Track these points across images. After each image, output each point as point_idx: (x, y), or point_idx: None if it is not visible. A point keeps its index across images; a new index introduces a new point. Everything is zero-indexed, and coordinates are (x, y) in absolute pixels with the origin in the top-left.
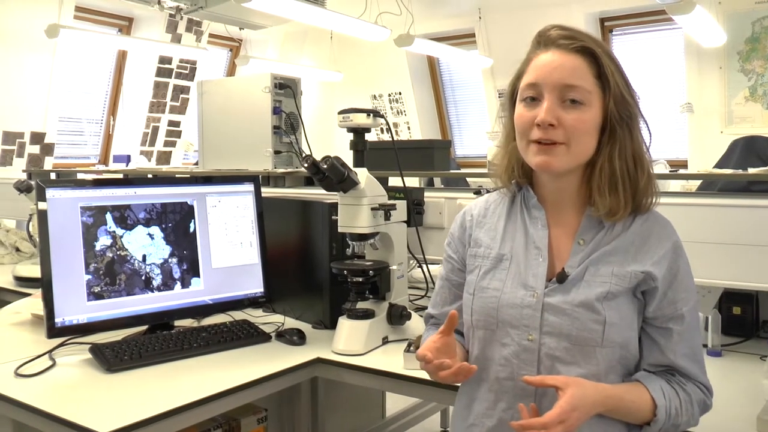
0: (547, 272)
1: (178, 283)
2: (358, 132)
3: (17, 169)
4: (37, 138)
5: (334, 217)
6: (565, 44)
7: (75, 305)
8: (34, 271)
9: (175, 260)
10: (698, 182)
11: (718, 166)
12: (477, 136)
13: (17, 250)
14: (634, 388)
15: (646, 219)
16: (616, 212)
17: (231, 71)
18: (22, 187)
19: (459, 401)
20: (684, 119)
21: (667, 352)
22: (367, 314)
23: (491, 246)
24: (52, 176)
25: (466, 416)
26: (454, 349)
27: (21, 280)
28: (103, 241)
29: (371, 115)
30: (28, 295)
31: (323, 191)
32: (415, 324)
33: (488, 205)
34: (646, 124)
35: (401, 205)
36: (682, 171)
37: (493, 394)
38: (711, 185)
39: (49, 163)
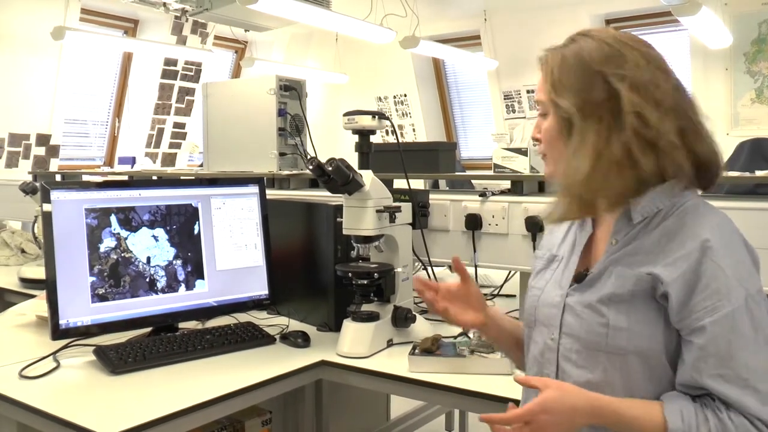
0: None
1: (183, 285)
2: (363, 134)
3: (23, 171)
4: (43, 140)
5: (338, 220)
6: (540, 64)
7: (79, 307)
8: (39, 272)
9: (179, 262)
10: None
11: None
12: (482, 138)
13: (22, 251)
14: (643, 405)
15: (683, 213)
16: (624, 197)
17: (236, 73)
18: (28, 189)
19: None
20: None
21: (690, 369)
22: (372, 317)
23: (550, 248)
24: (57, 178)
25: None
26: (473, 298)
27: (26, 282)
28: (107, 242)
29: (376, 117)
30: (33, 296)
31: (328, 193)
32: (420, 327)
33: None
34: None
35: (406, 208)
36: None
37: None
38: (717, 188)
39: (54, 165)
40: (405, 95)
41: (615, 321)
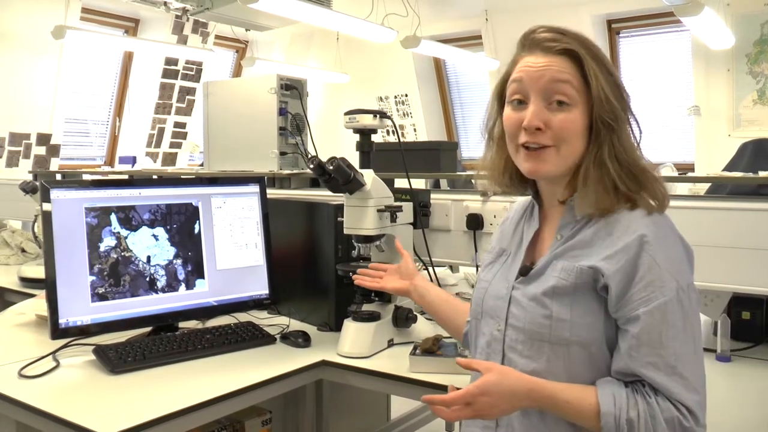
0: (523, 267)
1: (183, 285)
2: (365, 133)
3: (23, 171)
4: (43, 139)
5: (339, 219)
6: (550, 46)
7: (79, 306)
8: (39, 272)
9: (179, 261)
10: (706, 185)
11: (727, 169)
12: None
13: (23, 251)
14: (577, 389)
15: (621, 212)
16: (606, 209)
17: (237, 73)
18: (28, 188)
19: None
20: (691, 122)
21: (625, 356)
22: (373, 317)
23: (500, 242)
24: (58, 177)
25: None
26: (403, 270)
27: (26, 281)
28: (107, 242)
29: (377, 116)
30: (33, 295)
31: (329, 193)
32: (421, 327)
33: (518, 207)
34: (638, 125)
35: (407, 207)
36: (690, 174)
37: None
38: (720, 188)
39: (55, 165)
40: (406, 95)
41: (558, 313)
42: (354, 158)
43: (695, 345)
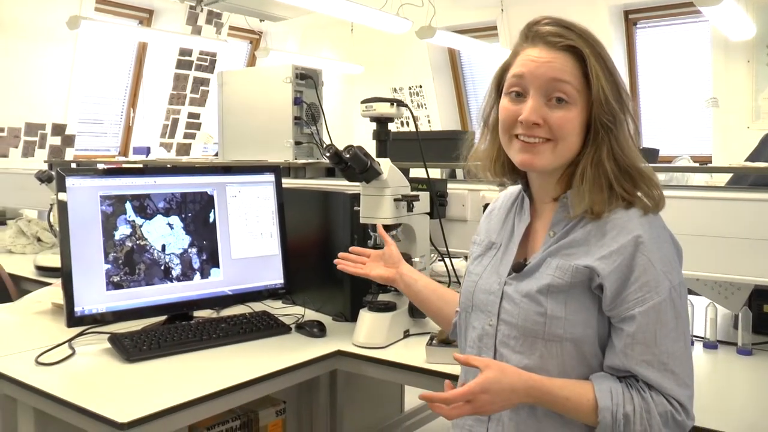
0: (515, 263)
1: (198, 274)
2: (381, 121)
3: (39, 161)
4: (59, 129)
5: (355, 208)
6: (553, 41)
7: (94, 295)
8: (54, 260)
9: (194, 250)
10: (724, 177)
11: (749, 160)
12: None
13: (39, 240)
14: (575, 385)
15: (615, 212)
16: (601, 213)
17: (251, 63)
18: (43, 177)
19: None
20: (709, 114)
21: (620, 354)
22: (389, 307)
23: (488, 234)
24: (73, 167)
25: None
26: (388, 258)
27: (42, 270)
28: (122, 230)
29: (394, 104)
30: (49, 284)
31: (344, 182)
32: None
33: (505, 197)
34: (635, 126)
35: (424, 197)
36: (710, 165)
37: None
38: (741, 180)
39: (70, 155)
40: (420, 86)
41: (553, 311)
42: (370, 149)
43: (685, 341)
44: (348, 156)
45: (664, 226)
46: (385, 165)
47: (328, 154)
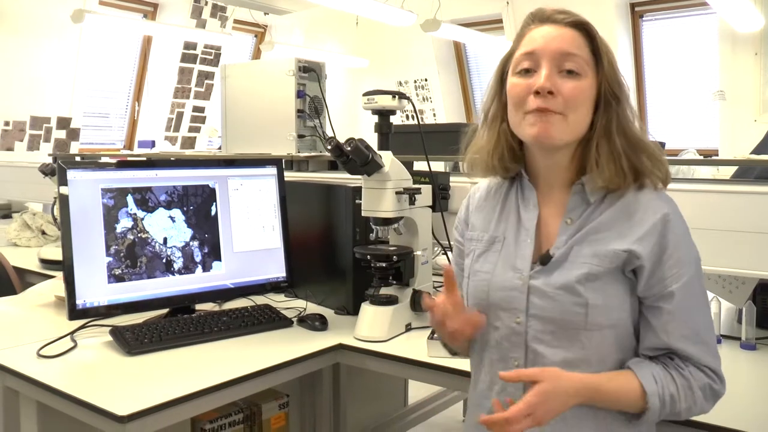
0: (535, 254)
1: (200, 267)
2: (383, 114)
3: (44, 154)
4: (63, 123)
5: (357, 201)
6: (560, 18)
7: (96, 288)
8: (58, 253)
9: (196, 243)
10: (730, 170)
11: (755, 153)
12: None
13: (43, 233)
14: (620, 376)
15: (636, 193)
16: (618, 185)
17: (256, 57)
18: (47, 171)
19: (471, 382)
20: (715, 107)
21: (660, 333)
22: (391, 300)
23: (486, 229)
24: (77, 160)
25: (472, 397)
26: (463, 307)
27: (46, 263)
28: (124, 223)
29: (396, 96)
30: (53, 277)
31: (347, 175)
32: None
33: (490, 189)
34: (631, 109)
35: (426, 190)
36: (717, 158)
37: (488, 376)
38: (747, 173)
39: (75, 148)
40: (426, 79)
41: (593, 299)
42: (373, 143)
43: (709, 312)
44: (349, 149)
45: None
46: (387, 158)
47: (329, 147)
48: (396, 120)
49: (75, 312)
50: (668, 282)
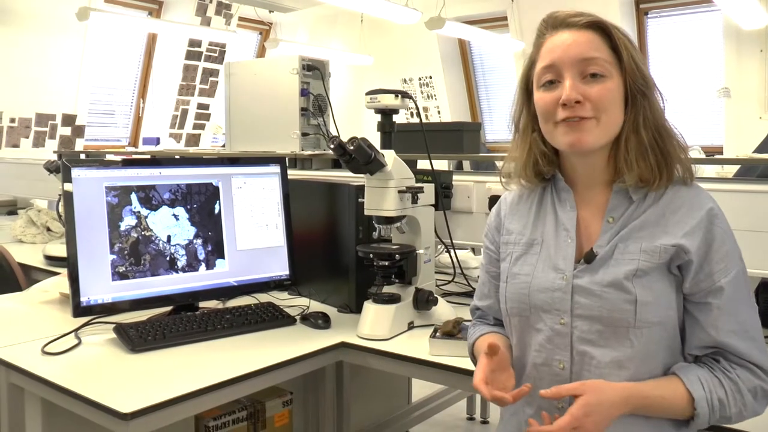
0: (576, 253)
1: (203, 265)
2: (386, 113)
3: (49, 151)
4: (69, 120)
5: (360, 200)
6: (574, 21)
7: (100, 285)
8: (63, 250)
9: (199, 241)
10: (735, 168)
11: (758, 151)
12: (508, 120)
13: (48, 230)
14: (665, 383)
15: (678, 189)
16: (649, 180)
17: (260, 55)
18: (52, 168)
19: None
20: (720, 104)
21: (708, 329)
22: (393, 299)
23: (522, 232)
24: (82, 157)
25: (509, 405)
26: (507, 362)
27: (51, 259)
28: (128, 221)
29: (399, 95)
30: (58, 273)
31: (350, 174)
32: (442, 309)
33: (522, 193)
34: (661, 96)
35: (429, 189)
36: (719, 156)
37: (531, 381)
38: (750, 171)
39: (80, 145)
40: (430, 77)
41: (642, 296)
42: (377, 141)
43: (756, 308)
44: (352, 148)
45: None
46: (390, 157)
47: (332, 146)
48: (399, 118)
49: (79, 309)
50: (717, 276)
